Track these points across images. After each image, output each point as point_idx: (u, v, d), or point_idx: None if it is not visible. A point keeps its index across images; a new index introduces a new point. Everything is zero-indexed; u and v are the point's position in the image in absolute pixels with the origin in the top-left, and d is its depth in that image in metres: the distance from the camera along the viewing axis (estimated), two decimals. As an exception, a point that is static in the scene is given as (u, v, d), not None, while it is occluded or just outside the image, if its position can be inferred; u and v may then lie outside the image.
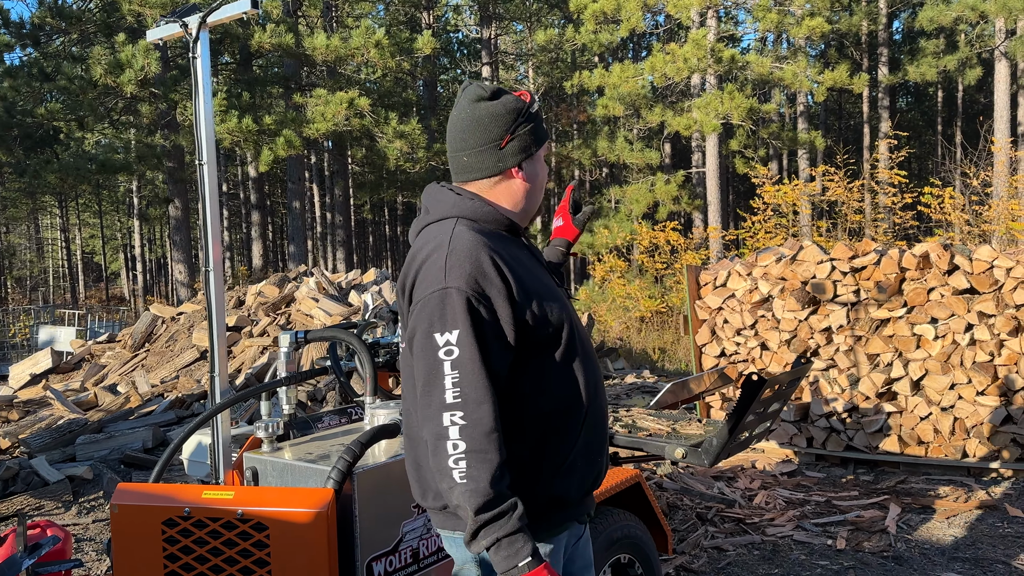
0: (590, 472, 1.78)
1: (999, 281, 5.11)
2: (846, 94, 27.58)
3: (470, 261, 1.60)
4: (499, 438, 1.55)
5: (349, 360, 3.12)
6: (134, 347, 9.17)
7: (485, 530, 1.52)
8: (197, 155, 2.95)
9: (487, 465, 1.52)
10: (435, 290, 1.59)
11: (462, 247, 1.62)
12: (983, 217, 12.13)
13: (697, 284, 6.22)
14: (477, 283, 1.59)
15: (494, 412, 1.56)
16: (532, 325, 1.65)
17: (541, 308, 1.67)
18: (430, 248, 1.66)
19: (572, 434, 1.72)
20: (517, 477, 1.64)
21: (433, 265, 1.62)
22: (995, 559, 4.02)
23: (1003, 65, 19.16)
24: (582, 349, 1.76)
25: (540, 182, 1.82)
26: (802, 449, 5.70)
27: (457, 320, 1.56)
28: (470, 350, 1.56)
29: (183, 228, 18.06)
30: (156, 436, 6.38)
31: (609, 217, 19.75)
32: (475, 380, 1.55)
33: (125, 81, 13.77)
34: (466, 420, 1.54)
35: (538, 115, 1.78)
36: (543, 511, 1.70)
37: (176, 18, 2.91)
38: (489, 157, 1.74)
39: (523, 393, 1.67)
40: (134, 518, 2.25)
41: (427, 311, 1.59)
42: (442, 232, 1.68)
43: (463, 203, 1.72)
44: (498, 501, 1.52)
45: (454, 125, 1.77)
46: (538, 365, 1.68)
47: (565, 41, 21.07)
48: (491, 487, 1.52)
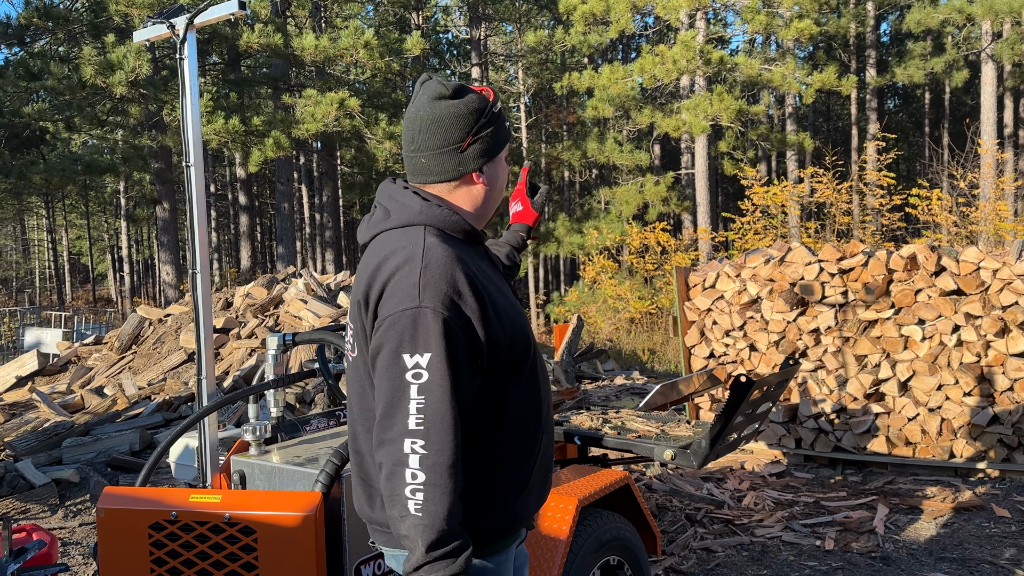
0: (545, 488, 1.75)
1: (985, 283, 5.15)
2: (834, 96, 27.74)
3: (446, 279, 1.50)
4: (459, 472, 1.47)
5: (338, 362, 3.11)
6: (121, 349, 9.11)
7: (432, 566, 1.45)
8: (184, 156, 2.93)
9: (445, 500, 1.45)
10: (407, 308, 1.48)
11: (437, 262, 1.51)
12: (970, 219, 12.22)
13: (686, 285, 6.23)
14: (454, 303, 1.49)
15: (456, 444, 1.47)
16: (504, 345, 1.57)
17: (511, 327, 1.59)
18: (400, 259, 1.54)
19: (533, 452, 1.68)
20: (480, 500, 1.59)
21: (405, 280, 1.50)
22: (982, 559, 4.04)
23: (989, 68, 19.30)
24: (540, 366, 1.71)
25: (500, 185, 1.72)
26: (791, 450, 5.72)
27: (430, 343, 1.46)
28: (440, 376, 1.46)
29: (170, 229, 17.97)
30: (143, 439, 6.34)
31: (599, 218, 19.79)
32: (442, 408, 1.46)
33: (116, 82, 13.69)
34: (428, 450, 1.45)
35: (500, 115, 1.69)
36: (502, 529, 1.65)
37: (163, 19, 2.90)
38: (449, 160, 1.63)
39: (488, 412, 1.60)
40: (121, 522, 2.23)
41: (397, 330, 1.48)
42: (410, 242, 1.56)
43: (431, 210, 1.61)
44: (451, 538, 1.46)
45: (412, 123, 1.65)
46: (502, 384, 1.61)
47: (555, 42, 21.11)
48: (446, 523, 1.44)
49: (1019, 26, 19.21)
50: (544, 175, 27.18)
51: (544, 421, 1.71)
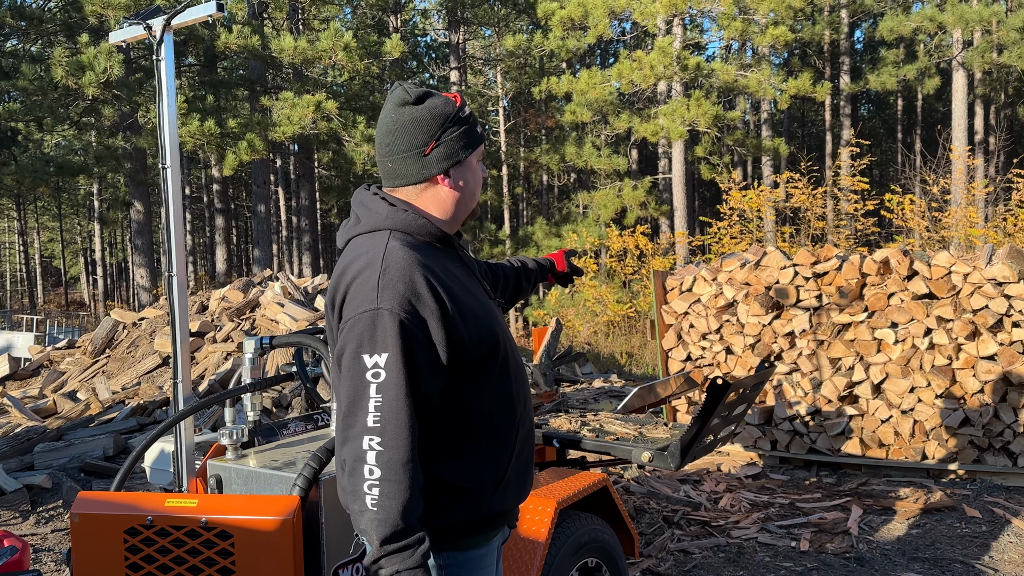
0: (523, 484, 1.78)
1: (957, 286, 5.23)
2: (809, 102, 28.04)
3: (404, 281, 1.55)
4: (414, 468, 1.52)
5: (315, 366, 3.10)
6: (94, 353, 9.00)
7: (388, 559, 1.50)
8: (160, 158, 2.91)
9: (400, 495, 1.49)
10: (366, 310, 1.54)
11: (395, 266, 1.56)
12: (942, 223, 12.41)
13: (664, 289, 6.27)
14: (411, 304, 1.54)
15: (412, 441, 1.52)
16: (469, 344, 1.61)
17: (476, 326, 1.63)
18: (361, 264, 1.59)
19: (509, 448, 1.72)
20: (455, 494, 1.64)
21: (365, 283, 1.56)
22: (953, 559, 4.11)
23: (960, 75, 19.63)
24: (514, 364, 1.75)
25: (471, 189, 1.76)
26: (766, 452, 5.77)
27: (387, 343, 1.52)
28: (397, 375, 1.52)
29: (145, 232, 17.78)
30: (117, 444, 6.26)
31: (578, 222, 19.85)
32: (398, 406, 1.51)
33: (87, 83, 13.53)
34: (383, 447, 1.50)
35: (469, 119, 1.73)
36: (481, 523, 1.70)
37: (139, 20, 2.87)
38: (413, 164, 1.69)
39: (461, 411, 1.65)
40: (95, 527, 2.21)
41: (357, 331, 1.54)
42: (374, 246, 1.62)
43: (396, 215, 1.66)
44: (405, 533, 1.50)
45: (380, 130, 1.72)
46: (474, 382, 1.65)
47: (533, 47, 21.16)
48: (400, 518, 1.49)
49: (989, 35, 19.57)
50: (523, 179, 27.22)
51: (520, 418, 1.75)
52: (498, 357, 1.69)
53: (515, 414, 1.73)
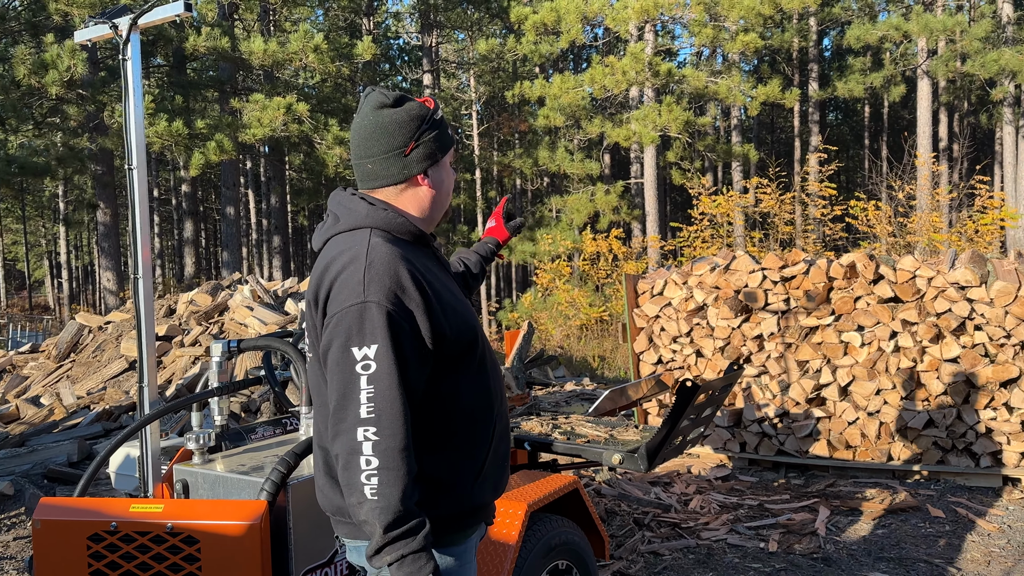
0: (500, 479, 1.82)
1: (921, 290, 5.33)
2: (778, 108, 28.41)
3: (389, 275, 1.58)
4: (410, 455, 1.55)
5: (284, 370, 3.08)
6: (59, 357, 8.84)
7: (391, 546, 1.52)
8: (127, 159, 2.87)
9: (399, 482, 1.52)
10: (353, 303, 1.57)
11: (380, 260, 1.60)
12: (907, 228, 12.63)
13: (635, 293, 6.31)
14: (397, 297, 1.58)
15: (407, 429, 1.55)
16: (450, 338, 1.65)
17: (456, 321, 1.67)
18: (345, 260, 1.62)
19: (486, 442, 1.76)
20: (435, 487, 1.67)
21: (351, 278, 1.59)
22: (918, 558, 4.17)
23: (925, 83, 20.01)
24: (490, 358, 1.79)
25: (446, 189, 1.82)
26: (736, 454, 5.82)
27: (376, 335, 1.55)
28: (388, 365, 1.54)
29: (111, 234, 17.51)
30: (82, 449, 6.16)
31: (551, 226, 19.90)
32: (391, 396, 1.54)
33: (50, 82, 13.29)
34: (379, 436, 1.53)
35: (442, 122, 1.78)
36: (462, 517, 1.73)
37: (106, 19, 2.84)
38: (394, 164, 1.73)
39: (441, 404, 1.68)
40: (57, 534, 2.17)
41: (344, 325, 1.57)
42: (356, 243, 1.65)
43: (376, 213, 1.70)
44: (407, 518, 1.53)
45: (358, 132, 1.75)
46: (454, 376, 1.70)
47: (506, 51, 21.20)
48: (401, 504, 1.52)
49: (953, 44, 19.96)
50: (496, 183, 27.24)
51: (497, 413, 1.79)
52: (476, 352, 1.73)
53: (492, 409, 1.77)
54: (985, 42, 18.14)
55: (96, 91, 14.35)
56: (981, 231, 11.88)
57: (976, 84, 22.53)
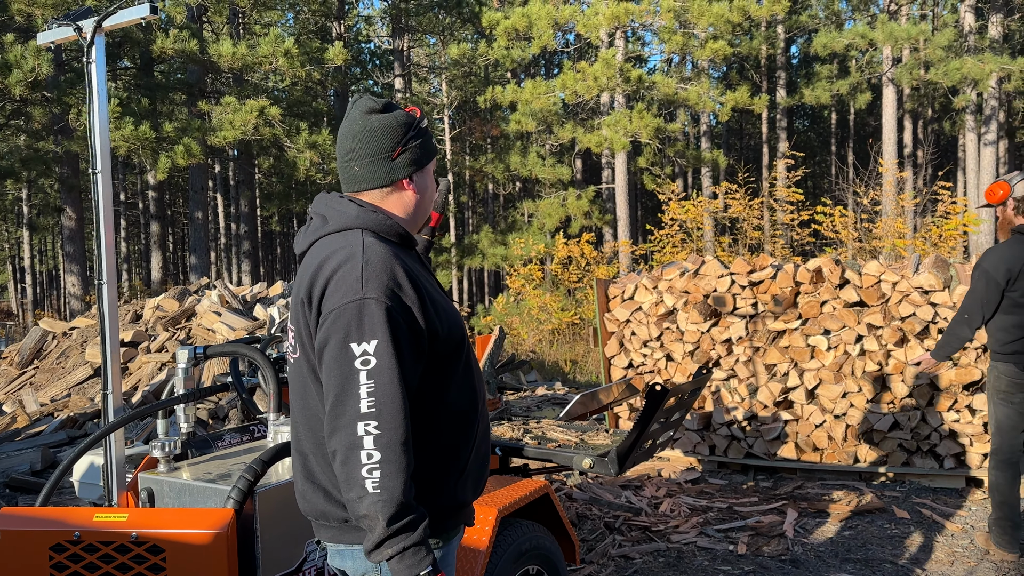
0: (481, 480, 1.85)
1: (886, 295, 5.41)
2: (747, 115, 28.74)
3: (386, 272, 1.61)
4: (410, 449, 1.58)
5: (252, 376, 3.05)
6: (22, 364, 8.67)
7: (393, 539, 1.54)
8: (91, 163, 2.83)
9: (400, 475, 1.54)
10: (352, 300, 1.59)
11: (377, 258, 1.63)
12: (873, 234, 12.83)
13: (606, 297, 6.34)
14: (395, 293, 1.61)
15: (407, 423, 1.58)
16: (441, 336, 1.69)
17: (446, 320, 1.72)
18: (340, 258, 1.64)
19: (468, 443, 1.79)
20: (425, 484, 1.70)
21: (348, 275, 1.61)
22: (883, 559, 4.24)
23: (890, 91, 20.36)
24: (474, 359, 1.84)
25: (429, 195, 1.87)
26: (705, 457, 5.87)
27: (376, 330, 1.57)
28: (388, 360, 1.57)
29: (76, 239, 17.21)
30: (45, 458, 6.04)
31: (523, 231, 19.93)
32: (391, 390, 1.56)
33: (13, 83, 13.03)
34: (381, 430, 1.55)
35: (427, 131, 1.84)
36: (446, 516, 1.76)
37: (69, 21, 2.79)
38: (381, 168, 1.77)
39: (427, 403, 1.71)
40: (18, 544, 2.13)
41: (343, 321, 1.59)
42: (350, 243, 1.67)
43: (367, 215, 1.73)
44: (409, 511, 1.55)
45: (345, 136, 1.79)
46: (441, 375, 1.73)
47: (478, 56, 21.22)
48: (403, 497, 1.54)
49: (917, 52, 20.35)
50: (468, 187, 27.21)
51: (480, 413, 1.82)
52: (463, 351, 1.77)
53: (476, 409, 1.81)
54: (948, 51, 18.51)
55: (62, 93, 14.10)
56: (945, 236, 12.10)
57: (940, 92, 23.00)
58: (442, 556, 1.77)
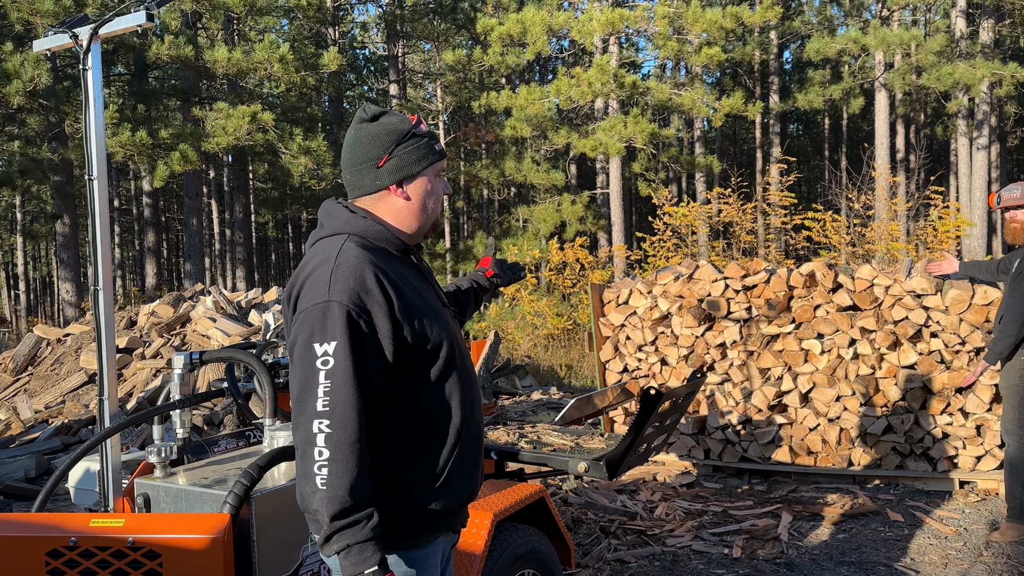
0: (465, 486, 1.86)
1: (879, 298, 5.44)
2: (740, 120, 28.85)
3: (354, 276, 1.67)
4: (362, 449, 1.62)
5: (248, 382, 3.05)
6: (16, 371, 8.64)
7: (338, 535, 1.59)
8: (87, 169, 2.84)
9: (347, 474, 1.59)
10: (318, 302, 1.66)
11: (347, 262, 1.69)
12: (866, 238, 12.88)
13: (601, 302, 6.36)
14: (359, 297, 1.66)
15: (359, 423, 1.62)
16: (411, 342, 1.72)
17: (421, 326, 1.74)
18: (317, 261, 1.72)
19: (447, 449, 1.80)
20: (388, 486, 1.72)
21: (319, 278, 1.68)
22: (878, 561, 4.26)
23: (882, 96, 20.46)
24: (461, 367, 1.84)
25: (423, 202, 1.87)
26: (700, 461, 5.88)
27: (336, 332, 1.63)
28: (344, 362, 1.62)
29: (71, 245, 17.18)
30: (40, 464, 6.03)
31: (518, 236, 19.96)
32: (345, 391, 1.61)
33: (12, 92, 13.02)
34: (332, 429, 1.60)
35: (424, 137, 1.86)
36: (419, 520, 1.78)
37: (66, 28, 2.81)
38: (367, 175, 1.83)
39: (400, 406, 1.75)
40: (14, 550, 2.13)
41: (309, 322, 1.65)
42: (331, 247, 1.75)
43: (355, 220, 1.80)
44: (354, 509, 1.59)
45: (344, 145, 1.89)
46: (416, 380, 1.76)
47: (473, 62, 21.26)
48: (349, 495, 1.58)
49: (909, 58, 20.46)
50: (463, 193, 27.24)
51: (464, 420, 1.83)
52: (441, 359, 1.78)
53: (458, 415, 1.81)
54: (940, 56, 18.61)
55: (58, 100, 14.09)
56: (940, 237, 12.16)
57: (932, 97, 23.10)
58: (422, 558, 1.79)
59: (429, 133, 1.87)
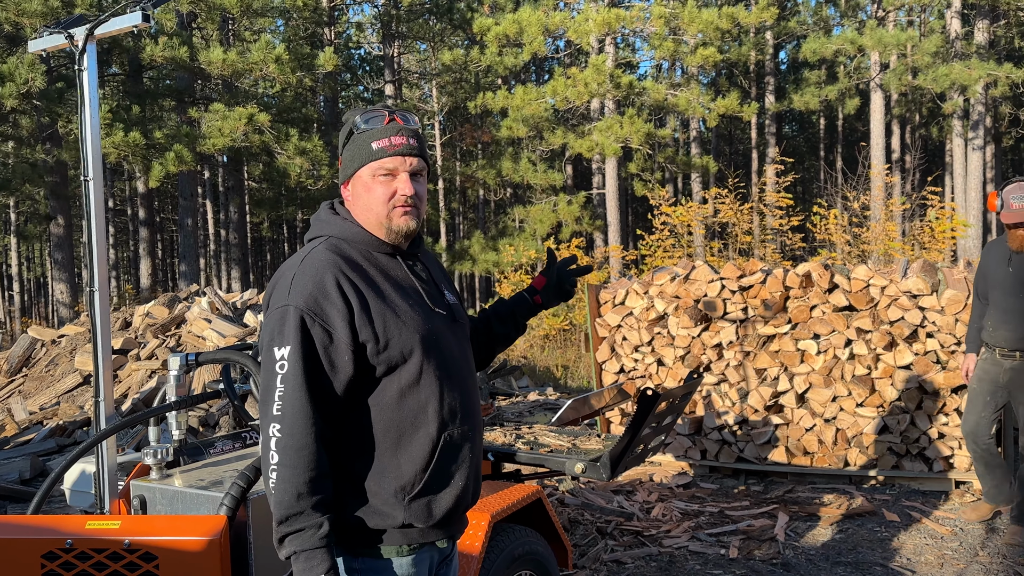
0: (446, 498, 1.74)
1: (875, 299, 5.45)
2: (736, 121, 28.88)
3: (313, 281, 1.66)
4: (311, 454, 1.60)
5: (244, 383, 3.04)
6: (10, 372, 8.62)
7: (288, 540, 1.60)
8: (82, 170, 2.83)
9: (293, 480, 1.58)
10: (279, 305, 1.67)
11: (311, 267, 1.68)
12: (862, 238, 12.91)
13: (597, 303, 6.36)
14: (317, 302, 1.64)
15: (308, 428, 1.60)
16: (376, 348, 1.67)
17: (385, 332, 1.67)
18: (287, 265, 1.74)
19: (422, 458, 1.71)
20: (355, 493, 1.69)
21: (284, 282, 1.69)
22: (874, 562, 4.26)
23: (878, 96, 20.50)
24: (440, 374, 1.74)
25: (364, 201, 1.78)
26: (696, 461, 5.89)
27: (289, 337, 1.63)
28: (295, 367, 1.62)
29: (65, 246, 17.13)
30: (34, 466, 6.01)
31: (514, 236, 19.97)
32: (296, 396, 1.61)
33: (6, 94, 12.98)
34: (282, 433, 1.60)
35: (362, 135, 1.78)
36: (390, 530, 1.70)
37: (61, 29, 2.79)
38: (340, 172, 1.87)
39: (368, 412, 1.71)
40: (10, 552, 2.12)
41: (270, 325, 1.67)
42: (306, 250, 1.76)
43: (334, 223, 1.80)
44: (300, 516, 1.59)
45: None
46: (385, 386, 1.70)
47: (469, 62, 21.25)
48: (295, 501, 1.58)
49: (904, 58, 20.50)
50: (459, 193, 27.23)
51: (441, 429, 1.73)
52: (410, 365, 1.70)
53: (433, 425, 1.71)
54: (935, 57, 18.66)
55: (52, 102, 14.04)
56: (937, 237, 12.19)
57: (927, 98, 23.16)
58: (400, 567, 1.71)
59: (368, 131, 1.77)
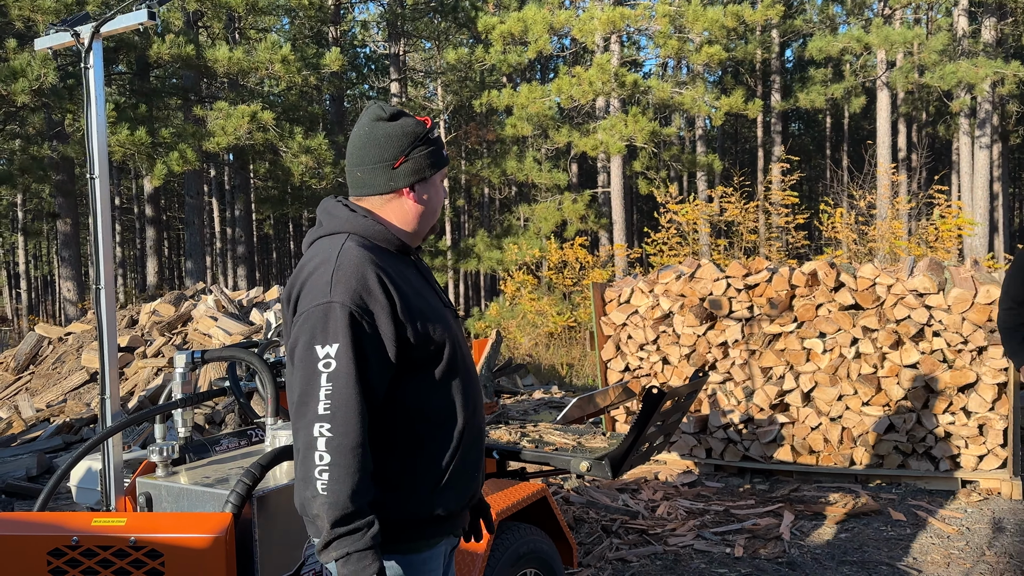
0: (467, 489, 1.83)
1: (881, 297, 5.43)
2: (742, 119, 28.82)
3: (356, 277, 1.64)
4: (364, 453, 1.59)
5: (250, 381, 3.05)
6: (17, 369, 8.65)
7: (338, 542, 1.57)
8: (88, 168, 2.84)
9: (349, 479, 1.56)
10: (319, 303, 1.63)
11: (349, 262, 1.66)
12: (868, 237, 12.87)
13: (602, 301, 6.35)
14: (361, 298, 1.63)
15: (362, 427, 1.59)
16: (414, 343, 1.69)
17: (424, 327, 1.71)
18: (317, 261, 1.70)
19: (449, 451, 1.77)
20: (389, 490, 1.70)
21: (320, 278, 1.66)
22: (880, 561, 4.25)
23: (884, 94, 20.43)
24: (463, 369, 1.82)
25: (433, 205, 1.87)
26: (702, 460, 5.88)
27: (338, 334, 1.60)
28: (347, 364, 1.60)
29: (72, 244, 17.18)
30: (41, 463, 6.03)
31: (519, 235, 19.96)
32: (347, 394, 1.59)
33: (17, 90, 13.01)
34: (333, 433, 1.57)
35: (437, 141, 1.85)
36: (420, 524, 1.75)
37: (67, 27, 2.80)
38: (382, 175, 1.79)
39: (402, 409, 1.72)
40: (16, 549, 2.13)
41: (310, 323, 1.63)
42: (331, 246, 1.72)
43: (356, 219, 1.77)
44: (355, 516, 1.57)
45: (353, 141, 1.83)
46: (418, 382, 1.73)
47: (474, 60, 21.24)
48: (350, 501, 1.56)
49: (911, 56, 20.43)
50: (464, 192, 27.24)
51: (466, 422, 1.80)
52: (443, 360, 1.75)
53: (461, 417, 1.78)
54: (942, 54, 18.58)
55: (61, 99, 14.07)
56: (942, 237, 12.15)
57: (934, 96, 23.07)
58: (422, 562, 1.77)
59: (439, 138, 1.86)
